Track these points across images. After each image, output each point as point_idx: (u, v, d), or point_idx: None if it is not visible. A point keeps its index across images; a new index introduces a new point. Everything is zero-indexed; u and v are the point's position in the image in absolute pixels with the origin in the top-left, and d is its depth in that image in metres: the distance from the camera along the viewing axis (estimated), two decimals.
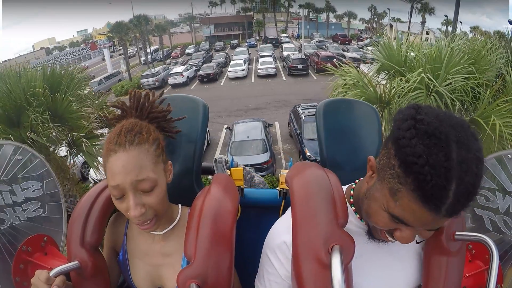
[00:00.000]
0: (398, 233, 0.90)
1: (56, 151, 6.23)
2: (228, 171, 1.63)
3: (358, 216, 1.09)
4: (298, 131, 13.29)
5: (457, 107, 5.20)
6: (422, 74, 5.11)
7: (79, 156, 6.38)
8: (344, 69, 6.19)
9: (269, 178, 9.77)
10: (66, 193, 6.58)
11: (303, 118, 13.21)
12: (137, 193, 1.05)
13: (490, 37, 5.48)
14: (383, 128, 5.63)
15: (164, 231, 1.22)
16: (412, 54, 5.68)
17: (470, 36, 5.94)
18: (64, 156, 6.50)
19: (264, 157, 11.69)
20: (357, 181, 1.15)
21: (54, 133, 5.70)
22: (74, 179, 7.01)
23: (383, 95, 5.64)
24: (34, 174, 1.75)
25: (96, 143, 6.12)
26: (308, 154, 11.70)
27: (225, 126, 15.51)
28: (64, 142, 6.10)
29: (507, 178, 1.54)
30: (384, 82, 5.90)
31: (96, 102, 6.60)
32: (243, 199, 1.64)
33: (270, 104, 21.49)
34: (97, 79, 32.00)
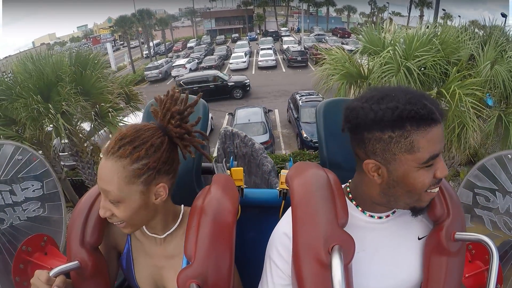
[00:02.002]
0: (438, 173, 0.94)
1: (78, 124, 7.10)
2: (228, 171, 1.61)
3: (361, 209, 1.09)
4: (295, 116, 14.40)
5: (432, 86, 6.00)
6: (391, 51, 5.95)
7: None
8: (332, 53, 7.01)
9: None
10: (85, 164, 7.45)
11: (301, 104, 14.43)
12: (107, 199, 1.05)
13: (462, 26, 6.33)
14: None
15: (165, 235, 1.20)
16: (389, 36, 6.53)
17: (471, 29, 6.39)
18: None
19: (264, 138, 12.47)
20: (350, 181, 1.16)
21: (82, 105, 6.51)
22: (96, 151, 7.79)
23: (362, 71, 6.56)
24: (34, 174, 1.74)
25: (120, 115, 7.00)
26: (305, 135, 12.80)
27: (228, 113, 16.30)
28: (89, 115, 6.79)
29: (507, 178, 1.55)
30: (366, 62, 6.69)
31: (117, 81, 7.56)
32: (243, 199, 1.63)
33: (270, 94, 22.15)
34: None
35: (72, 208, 1.29)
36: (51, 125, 6.58)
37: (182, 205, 1.28)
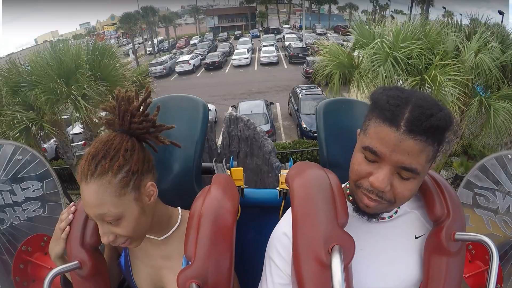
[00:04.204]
0: (372, 177, 0.92)
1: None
2: (228, 171, 1.61)
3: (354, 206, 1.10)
4: (296, 108, 15.50)
5: (417, 74, 6.55)
6: (378, 43, 6.60)
7: None
8: (328, 46, 7.77)
9: None
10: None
11: (301, 97, 15.54)
12: (104, 223, 1.02)
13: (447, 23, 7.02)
14: (354, 87, 7.30)
15: (163, 237, 1.20)
16: (378, 30, 7.04)
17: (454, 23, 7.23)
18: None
19: (265, 128, 12.93)
20: None
21: (101, 90, 7.15)
22: None
23: (353, 62, 7.37)
24: (34, 174, 1.73)
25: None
26: (304, 126, 13.86)
27: (231, 105, 16.49)
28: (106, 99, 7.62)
29: (507, 178, 1.54)
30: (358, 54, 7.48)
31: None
32: (243, 199, 1.62)
33: (272, 89, 22.55)
34: None
35: None
36: (67, 114, 7.58)
37: (179, 207, 1.28)
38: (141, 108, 1.12)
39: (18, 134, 7.09)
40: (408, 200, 0.97)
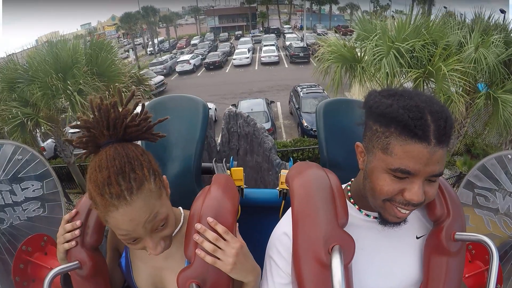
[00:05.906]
0: (407, 193, 0.91)
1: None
2: (228, 171, 1.61)
3: (357, 207, 1.10)
4: (297, 106, 15.63)
5: (420, 67, 6.63)
6: (381, 34, 6.59)
7: None
8: (329, 40, 7.92)
9: None
10: None
11: (302, 95, 15.69)
12: (153, 233, 1.01)
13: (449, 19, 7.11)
14: (356, 83, 7.40)
15: None
16: (379, 24, 7.12)
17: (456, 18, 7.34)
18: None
19: (266, 126, 12.77)
20: (352, 179, 1.17)
21: (97, 85, 7.18)
22: None
23: (356, 56, 7.43)
24: (34, 174, 1.73)
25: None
26: (305, 124, 13.98)
27: (231, 104, 16.39)
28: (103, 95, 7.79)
29: (507, 178, 1.54)
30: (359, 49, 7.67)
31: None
32: (243, 199, 1.62)
33: (273, 88, 22.65)
34: None
35: (81, 194, 1.27)
36: (64, 113, 7.63)
37: (181, 208, 1.28)
38: (131, 110, 1.06)
39: (14, 129, 7.13)
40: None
